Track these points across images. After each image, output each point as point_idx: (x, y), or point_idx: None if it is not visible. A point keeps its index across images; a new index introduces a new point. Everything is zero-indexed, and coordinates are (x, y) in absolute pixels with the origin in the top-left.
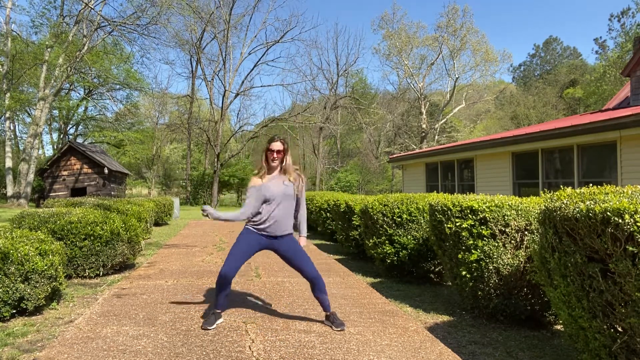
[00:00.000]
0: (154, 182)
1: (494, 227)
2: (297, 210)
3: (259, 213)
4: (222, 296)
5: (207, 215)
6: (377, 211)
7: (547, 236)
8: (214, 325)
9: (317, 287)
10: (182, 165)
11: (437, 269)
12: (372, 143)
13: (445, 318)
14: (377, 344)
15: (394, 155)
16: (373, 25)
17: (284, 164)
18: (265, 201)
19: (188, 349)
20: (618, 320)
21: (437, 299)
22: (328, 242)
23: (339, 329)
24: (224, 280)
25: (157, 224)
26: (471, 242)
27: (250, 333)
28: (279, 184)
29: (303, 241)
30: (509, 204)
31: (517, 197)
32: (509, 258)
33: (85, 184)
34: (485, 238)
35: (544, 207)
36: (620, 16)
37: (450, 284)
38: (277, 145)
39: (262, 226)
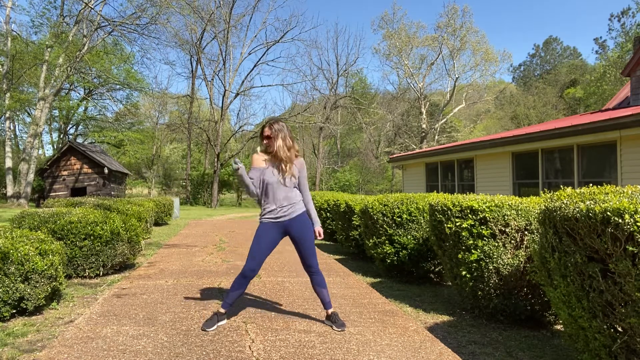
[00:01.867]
0: (154, 182)
1: (494, 227)
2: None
3: (266, 199)
4: (233, 295)
5: (237, 170)
6: (377, 211)
7: (547, 236)
8: (214, 327)
9: (316, 281)
10: (182, 165)
11: (437, 269)
12: (372, 143)
13: (445, 318)
14: (377, 344)
15: (394, 155)
16: (373, 25)
17: (275, 151)
18: (267, 185)
19: (188, 349)
20: (618, 320)
21: (437, 299)
22: (328, 242)
23: (339, 330)
24: (245, 277)
25: (157, 224)
26: (471, 242)
27: (250, 333)
28: (278, 167)
29: (319, 229)
30: (509, 204)
31: (517, 197)
32: (509, 258)
33: (85, 183)
34: (485, 238)
35: (544, 207)
36: (620, 16)
37: (450, 284)
38: (265, 131)
39: (272, 214)
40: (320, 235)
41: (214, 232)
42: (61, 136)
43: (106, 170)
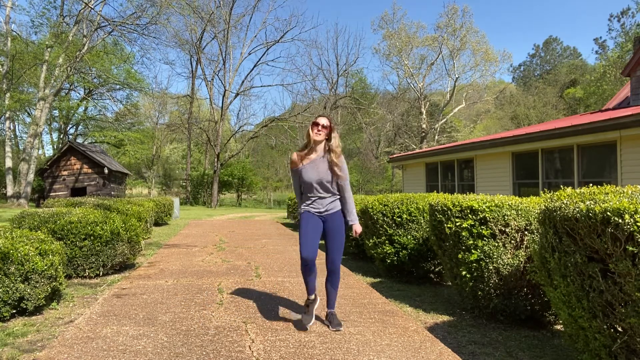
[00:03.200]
0: (154, 182)
1: (494, 227)
2: (342, 195)
3: (308, 195)
4: (309, 281)
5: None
6: (377, 211)
7: (547, 236)
8: (313, 318)
9: (331, 280)
10: (182, 165)
11: (437, 269)
12: (372, 143)
13: (445, 318)
14: (377, 344)
15: (394, 155)
16: (373, 25)
17: (330, 142)
18: (305, 183)
19: (188, 349)
20: (618, 320)
21: (437, 299)
22: None
23: (334, 329)
24: (305, 263)
25: (157, 224)
26: (471, 242)
27: (250, 333)
28: (317, 166)
29: (357, 228)
30: (509, 204)
31: (517, 197)
32: (509, 258)
33: (85, 183)
34: (485, 238)
35: (544, 207)
36: (620, 16)
37: (450, 284)
38: (322, 120)
39: (311, 206)
40: (357, 232)
41: (213, 232)
42: (61, 136)
43: (106, 170)
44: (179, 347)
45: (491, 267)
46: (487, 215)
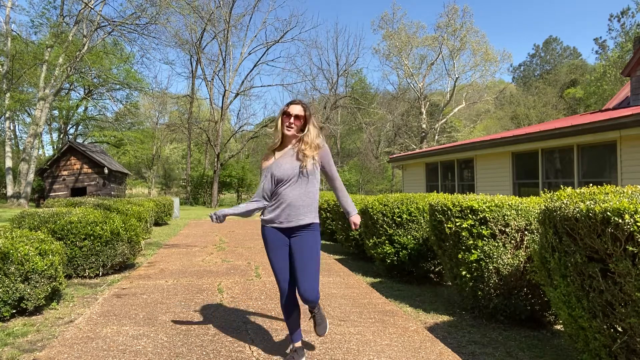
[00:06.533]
0: (154, 182)
1: (494, 227)
2: (332, 186)
3: (274, 197)
4: (291, 322)
5: (217, 219)
6: (377, 211)
7: (547, 236)
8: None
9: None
10: (182, 165)
11: (437, 269)
12: (372, 143)
13: (445, 318)
14: (377, 344)
15: (394, 155)
16: (373, 25)
17: (304, 134)
18: (278, 182)
19: (188, 349)
20: (618, 320)
21: (437, 299)
22: (328, 242)
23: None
24: (284, 296)
25: (157, 224)
26: (471, 242)
27: (250, 333)
28: (293, 160)
29: (356, 219)
30: (509, 204)
31: (517, 197)
32: (509, 258)
33: (85, 183)
34: (485, 238)
35: (544, 207)
36: (620, 16)
37: (450, 284)
38: (295, 109)
39: (270, 216)
40: (355, 225)
41: (213, 232)
42: (61, 136)
43: (106, 170)
44: (179, 347)
45: (491, 267)
46: (487, 215)
